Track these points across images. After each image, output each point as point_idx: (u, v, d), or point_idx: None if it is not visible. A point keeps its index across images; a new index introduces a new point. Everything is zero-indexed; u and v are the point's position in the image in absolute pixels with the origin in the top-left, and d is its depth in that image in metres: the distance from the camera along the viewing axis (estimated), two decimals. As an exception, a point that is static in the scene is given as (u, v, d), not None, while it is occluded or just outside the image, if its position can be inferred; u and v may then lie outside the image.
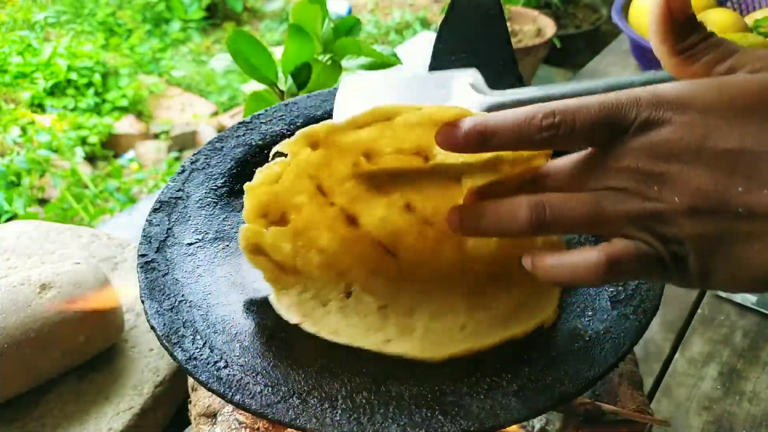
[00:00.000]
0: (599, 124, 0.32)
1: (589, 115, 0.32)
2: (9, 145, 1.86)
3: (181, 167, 0.52)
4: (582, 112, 0.32)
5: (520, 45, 1.30)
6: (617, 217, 0.32)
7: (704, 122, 0.30)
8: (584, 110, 0.32)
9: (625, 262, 0.31)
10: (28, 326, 0.56)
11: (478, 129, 0.33)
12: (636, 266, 0.32)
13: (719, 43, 0.34)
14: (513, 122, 0.32)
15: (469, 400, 0.36)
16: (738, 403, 0.66)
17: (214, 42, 2.84)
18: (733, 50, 0.33)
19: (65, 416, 0.58)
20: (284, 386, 0.37)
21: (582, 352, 0.38)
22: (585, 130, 0.32)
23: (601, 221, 0.32)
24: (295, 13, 0.74)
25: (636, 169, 0.31)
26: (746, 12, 1.21)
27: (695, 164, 0.30)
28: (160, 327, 0.39)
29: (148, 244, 0.45)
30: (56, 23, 2.65)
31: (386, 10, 3.05)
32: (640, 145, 0.31)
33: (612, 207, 0.32)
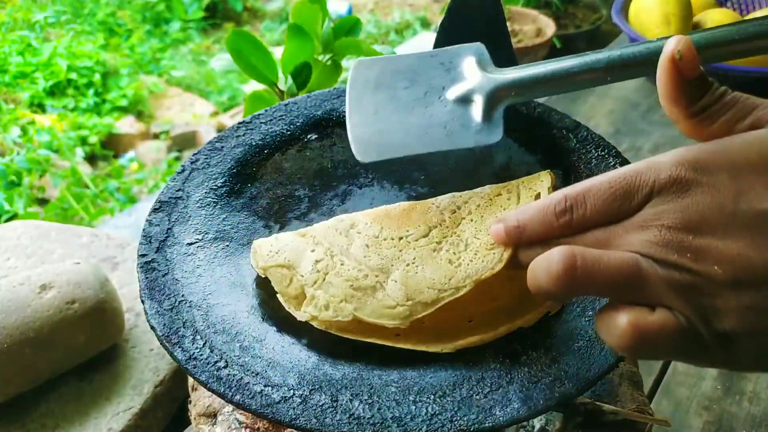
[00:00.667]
0: (611, 200, 0.30)
1: (600, 193, 0.30)
2: (9, 145, 1.86)
3: (181, 167, 0.52)
4: (592, 193, 0.31)
5: (520, 45, 1.30)
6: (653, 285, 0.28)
7: (734, 182, 0.28)
8: (594, 190, 0.31)
9: (656, 336, 0.28)
10: (28, 326, 0.56)
11: (513, 226, 0.34)
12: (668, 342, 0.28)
13: (736, 100, 0.32)
14: (534, 215, 0.33)
15: (469, 400, 0.36)
16: (738, 403, 0.66)
17: (214, 42, 2.84)
18: (753, 105, 0.31)
19: (65, 416, 0.58)
20: (284, 386, 0.37)
21: (582, 352, 0.38)
22: (599, 210, 0.30)
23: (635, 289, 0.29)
24: (295, 13, 0.74)
25: (666, 239, 0.28)
26: (746, 12, 1.21)
27: (731, 229, 0.27)
28: (160, 327, 0.39)
29: (148, 244, 0.45)
30: (56, 23, 2.66)
31: (386, 10, 3.05)
32: (667, 213, 0.28)
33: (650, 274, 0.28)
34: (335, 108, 0.59)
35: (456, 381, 0.37)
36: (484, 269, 0.39)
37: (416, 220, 0.43)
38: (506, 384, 0.37)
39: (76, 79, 2.27)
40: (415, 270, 0.40)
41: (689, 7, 1.10)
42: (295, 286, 0.41)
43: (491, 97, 0.45)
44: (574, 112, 1.10)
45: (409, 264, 0.40)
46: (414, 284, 0.39)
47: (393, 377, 0.38)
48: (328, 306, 0.39)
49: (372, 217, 0.44)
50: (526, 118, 0.57)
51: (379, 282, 0.40)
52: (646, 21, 1.10)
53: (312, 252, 0.42)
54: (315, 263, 0.41)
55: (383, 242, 0.42)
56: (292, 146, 0.56)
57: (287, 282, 0.41)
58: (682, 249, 0.28)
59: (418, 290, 0.39)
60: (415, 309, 0.39)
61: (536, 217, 0.33)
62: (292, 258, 0.42)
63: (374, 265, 0.40)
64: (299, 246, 0.42)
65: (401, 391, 0.37)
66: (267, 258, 0.42)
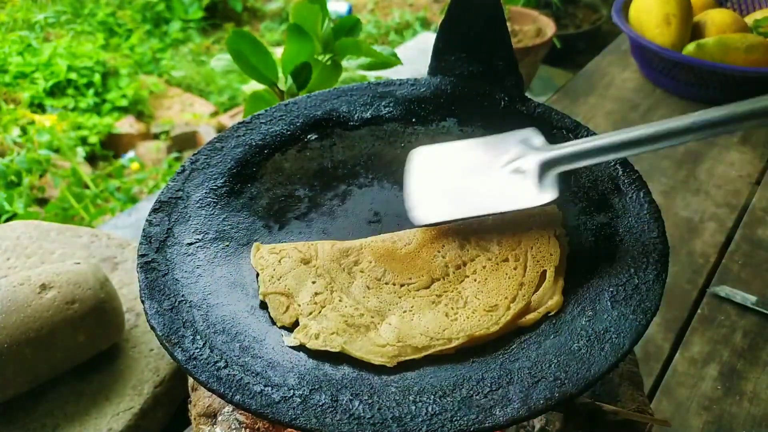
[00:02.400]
0: None
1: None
2: (9, 145, 1.86)
3: (181, 167, 0.52)
4: None
5: (520, 45, 1.30)
6: None
7: None
8: None
9: None
10: (28, 326, 0.56)
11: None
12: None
13: None
14: None
15: (469, 400, 0.36)
16: (738, 403, 0.66)
17: (214, 42, 2.84)
18: None
19: (65, 416, 0.58)
20: (284, 386, 0.37)
21: (582, 352, 0.38)
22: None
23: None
24: (295, 13, 0.74)
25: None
26: (746, 12, 1.21)
27: None
28: (160, 327, 0.39)
29: (148, 244, 0.45)
30: (56, 23, 2.66)
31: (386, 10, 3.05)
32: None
33: None
34: (335, 108, 0.59)
35: (456, 381, 0.37)
36: (480, 327, 0.40)
37: (420, 268, 0.44)
38: (506, 384, 0.37)
39: (76, 79, 2.27)
40: (411, 317, 0.41)
41: (689, 7, 1.10)
42: (290, 314, 0.42)
43: (544, 166, 0.45)
44: (574, 112, 1.10)
45: (406, 311, 0.42)
46: (407, 329, 0.40)
47: (393, 377, 0.38)
48: (318, 336, 0.40)
49: (377, 255, 0.45)
50: (527, 118, 0.57)
51: (374, 323, 0.41)
52: (646, 21, 1.10)
53: (313, 284, 0.43)
54: (314, 295, 0.42)
55: (384, 286, 0.43)
56: (292, 146, 0.56)
57: (284, 309, 0.42)
58: None
59: (411, 335, 0.40)
60: (404, 351, 0.39)
61: None
62: (292, 287, 0.43)
63: (372, 307, 0.42)
64: (300, 275, 0.44)
65: (401, 391, 0.37)
66: (269, 284, 0.43)
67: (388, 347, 0.39)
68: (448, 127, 0.57)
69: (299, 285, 0.43)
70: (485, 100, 0.59)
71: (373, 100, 0.59)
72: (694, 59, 1.03)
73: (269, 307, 0.42)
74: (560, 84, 1.33)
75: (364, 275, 0.44)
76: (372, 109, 0.59)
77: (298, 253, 0.45)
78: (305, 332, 0.40)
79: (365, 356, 0.39)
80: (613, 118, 1.09)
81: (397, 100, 0.59)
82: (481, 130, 0.57)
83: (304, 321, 0.41)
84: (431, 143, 0.56)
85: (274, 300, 0.42)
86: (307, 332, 0.40)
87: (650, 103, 1.12)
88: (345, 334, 0.40)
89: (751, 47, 1.02)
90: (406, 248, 0.45)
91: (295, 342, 0.40)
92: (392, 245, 0.45)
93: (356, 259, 0.44)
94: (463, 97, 0.59)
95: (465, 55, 0.60)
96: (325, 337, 0.40)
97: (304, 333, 0.40)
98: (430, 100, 0.59)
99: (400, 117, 0.58)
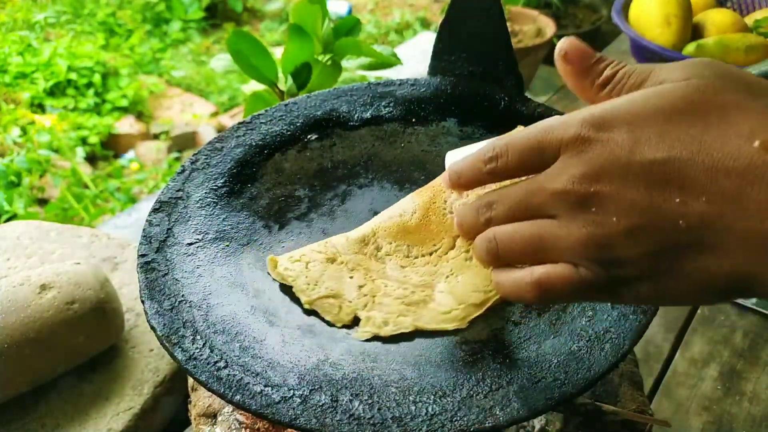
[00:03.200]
0: (527, 151, 0.32)
1: (519, 144, 0.33)
2: (9, 145, 1.86)
3: (181, 167, 0.52)
4: (513, 144, 0.33)
5: (520, 45, 1.30)
6: (556, 248, 0.32)
7: (632, 135, 0.29)
8: (515, 140, 0.33)
9: (558, 288, 0.32)
10: (28, 326, 0.56)
11: (453, 171, 0.37)
12: (570, 291, 0.32)
13: (633, 69, 0.34)
14: (468, 164, 0.36)
15: (470, 400, 0.36)
16: (738, 403, 0.66)
17: (214, 42, 2.84)
18: (650, 69, 0.33)
19: (65, 416, 0.58)
20: (284, 386, 0.37)
21: (582, 352, 0.38)
22: (517, 159, 0.33)
23: (543, 253, 0.32)
24: (295, 13, 0.74)
25: (570, 192, 0.30)
26: (746, 12, 1.21)
27: (627, 180, 0.29)
28: (160, 327, 0.39)
29: (148, 244, 0.45)
30: (56, 23, 2.66)
31: (386, 10, 3.05)
32: (571, 168, 0.31)
33: (551, 238, 0.32)
34: (335, 108, 0.59)
35: (456, 381, 0.37)
36: None
37: (437, 232, 0.44)
38: (506, 384, 0.37)
39: (76, 80, 2.27)
40: (456, 280, 0.42)
41: (689, 8, 1.10)
42: (346, 311, 0.42)
43: None
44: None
45: (448, 276, 0.43)
46: (460, 291, 0.42)
47: (393, 377, 0.38)
48: (387, 322, 0.41)
49: (393, 234, 0.45)
50: (526, 118, 0.57)
51: (427, 296, 0.42)
52: (647, 21, 1.10)
53: (351, 279, 0.43)
54: (359, 288, 0.43)
55: (416, 261, 0.44)
56: (292, 146, 0.56)
57: (337, 310, 0.42)
58: (586, 203, 0.30)
59: (466, 295, 0.41)
60: (468, 311, 0.41)
61: (470, 165, 0.36)
62: (334, 287, 0.43)
63: (417, 282, 0.43)
64: (335, 274, 0.44)
65: (401, 391, 0.37)
66: (310, 291, 0.43)
67: (453, 312, 0.41)
68: (448, 127, 0.57)
69: (340, 283, 0.43)
70: (485, 100, 0.59)
71: (373, 100, 0.59)
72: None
73: (321, 312, 0.42)
74: (560, 84, 1.33)
75: (392, 257, 0.44)
76: (372, 109, 0.59)
77: (320, 255, 0.45)
78: (372, 323, 0.41)
79: (438, 326, 0.40)
80: (613, 118, 1.09)
81: (397, 100, 0.59)
82: (481, 130, 0.57)
83: (363, 314, 0.42)
84: (431, 143, 0.56)
85: (323, 304, 0.42)
86: (374, 322, 0.41)
87: (650, 103, 1.12)
88: (409, 313, 0.41)
89: (751, 47, 1.02)
90: (414, 218, 0.45)
91: (368, 335, 0.41)
92: (400, 220, 0.45)
93: (376, 245, 0.45)
94: (463, 97, 0.59)
95: (465, 55, 0.60)
96: (394, 321, 0.41)
97: (371, 324, 0.41)
98: (430, 100, 0.59)
99: (400, 117, 0.58)
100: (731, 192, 0.27)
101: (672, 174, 0.28)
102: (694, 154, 0.28)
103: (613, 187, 0.29)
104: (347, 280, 0.43)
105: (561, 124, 0.31)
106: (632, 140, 0.29)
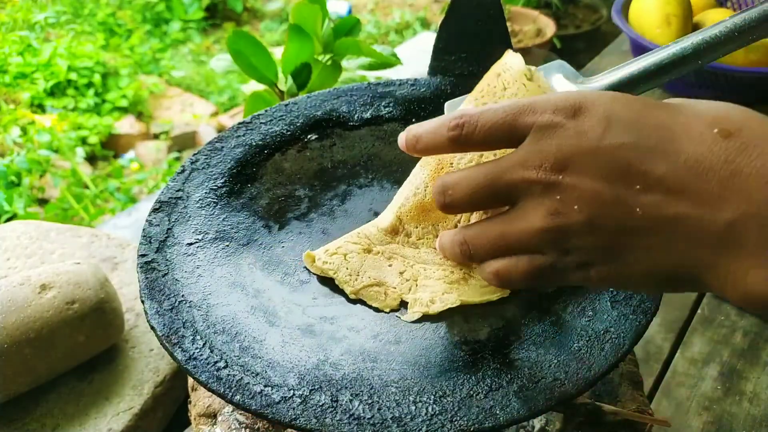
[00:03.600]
0: (497, 127, 0.32)
1: (491, 118, 0.33)
2: (9, 145, 1.86)
3: (181, 167, 0.52)
4: (484, 116, 0.33)
5: (520, 45, 1.30)
6: (519, 243, 0.33)
7: (604, 121, 0.30)
8: (488, 113, 0.33)
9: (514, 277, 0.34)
10: (28, 326, 0.56)
11: (411, 135, 0.36)
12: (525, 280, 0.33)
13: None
14: (431, 127, 0.35)
15: (470, 400, 0.36)
16: (738, 403, 0.66)
17: (214, 42, 2.84)
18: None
19: (65, 416, 0.58)
20: (284, 386, 0.37)
21: (582, 352, 0.38)
22: (485, 132, 0.33)
23: (507, 250, 0.34)
24: (295, 13, 0.74)
25: (536, 180, 0.31)
26: (746, 12, 1.21)
27: (593, 168, 0.29)
28: (160, 327, 0.39)
29: (148, 244, 0.45)
30: (56, 23, 2.66)
31: (386, 10, 3.05)
32: (539, 154, 0.31)
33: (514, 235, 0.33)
34: (335, 108, 0.59)
35: (456, 381, 0.37)
36: None
37: None
38: (506, 384, 0.37)
39: (76, 80, 2.27)
40: None
41: (689, 8, 1.10)
42: (392, 297, 0.43)
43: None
44: (574, 112, 1.09)
45: None
46: None
47: (393, 377, 0.38)
48: (434, 300, 0.42)
49: (416, 218, 0.45)
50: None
51: (467, 273, 0.43)
52: (647, 21, 1.10)
53: (390, 266, 0.44)
54: (400, 275, 0.44)
55: None
56: (292, 146, 0.56)
57: (383, 296, 0.43)
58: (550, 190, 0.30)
59: None
60: None
61: (431, 129, 0.35)
62: (376, 276, 0.44)
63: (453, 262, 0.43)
64: (375, 264, 0.45)
65: (401, 391, 0.37)
66: (354, 281, 0.44)
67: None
68: (448, 127, 0.57)
69: (381, 272, 0.44)
70: (485, 100, 0.59)
71: (373, 100, 0.59)
72: (694, 59, 1.03)
73: (367, 300, 0.43)
74: (560, 84, 1.33)
75: (423, 241, 0.45)
76: (372, 109, 0.59)
77: (356, 246, 0.45)
78: (419, 304, 0.42)
79: (483, 298, 0.42)
80: (613, 118, 1.09)
81: (397, 100, 0.59)
82: (481, 130, 0.57)
83: (410, 297, 0.43)
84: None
85: (369, 292, 0.43)
86: (422, 303, 0.42)
87: (650, 103, 1.12)
88: (453, 290, 0.42)
89: (751, 47, 1.02)
90: (428, 193, 0.45)
91: (417, 315, 0.42)
92: (416, 199, 0.46)
93: (405, 231, 0.46)
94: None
95: (465, 55, 0.60)
96: (440, 298, 0.42)
97: (419, 305, 0.42)
98: (430, 100, 0.59)
99: (400, 117, 0.58)
100: (686, 181, 0.28)
101: (636, 159, 0.29)
102: (657, 140, 0.29)
103: (579, 177, 0.30)
104: (387, 269, 0.44)
105: (536, 107, 0.31)
106: (604, 126, 0.29)
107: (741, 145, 0.27)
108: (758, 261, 0.26)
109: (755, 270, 0.27)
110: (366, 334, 0.41)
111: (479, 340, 0.40)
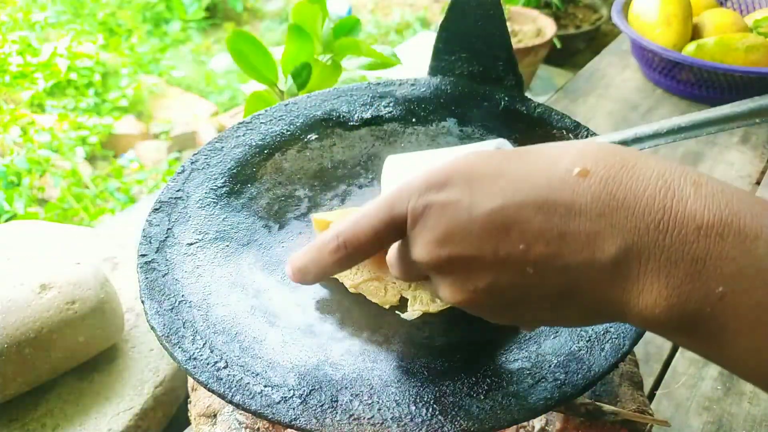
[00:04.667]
0: (378, 230, 0.32)
1: (367, 224, 0.32)
2: (9, 145, 1.86)
3: (181, 167, 0.52)
4: (359, 225, 0.32)
5: (520, 45, 1.30)
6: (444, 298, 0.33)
7: (468, 189, 0.29)
8: (362, 221, 0.32)
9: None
10: (28, 326, 0.56)
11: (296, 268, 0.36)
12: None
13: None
14: (312, 257, 0.35)
15: (469, 400, 0.36)
16: (738, 403, 0.66)
17: (214, 42, 2.84)
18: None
19: (65, 416, 0.58)
20: (284, 386, 0.37)
21: (582, 352, 0.38)
22: (369, 240, 0.32)
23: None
24: (295, 13, 0.74)
25: (426, 263, 0.31)
26: (746, 12, 1.21)
27: (472, 237, 0.29)
28: (160, 327, 0.39)
29: (148, 244, 0.45)
30: (56, 23, 2.65)
31: (386, 10, 3.05)
32: (420, 239, 0.31)
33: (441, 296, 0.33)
34: (335, 108, 0.59)
35: (456, 381, 0.37)
36: None
37: None
38: (506, 384, 0.37)
39: (76, 79, 2.26)
40: None
41: (689, 8, 1.10)
42: (392, 293, 0.43)
43: None
44: (574, 112, 1.10)
45: None
46: None
47: (393, 377, 0.38)
48: (434, 299, 0.42)
49: None
50: (526, 118, 0.57)
51: None
52: (647, 21, 1.10)
53: None
54: None
55: None
56: (292, 146, 0.56)
57: (383, 292, 0.43)
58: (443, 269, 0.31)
59: None
60: None
61: (315, 258, 0.35)
62: (376, 270, 0.44)
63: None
64: (375, 259, 0.44)
65: (401, 392, 0.37)
66: (353, 276, 0.44)
67: None
68: (448, 127, 0.57)
69: (381, 267, 0.44)
70: (485, 100, 0.59)
71: (373, 100, 0.59)
72: (694, 59, 1.03)
73: (367, 295, 0.43)
74: (560, 84, 1.33)
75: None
76: (372, 109, 0.59)
77: None
78: (419, 301, 0.42)
79: None
80: (613, 118, 1.09)
81: (397, 100, 0.59)
82: (481, 130, 0.57)
83: (410, 294, 0.43)
84: (431, 143, 0.56)
85: (369, 287, 0.43)
86: (422, 300, 0.42)
87: (650, 103, 1.12)
88: None
89: (751, 47, 1.02)
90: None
91: (418, 313, 0.41)
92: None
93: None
94: (463, 97, 0.59)
95: (465, 55, 0.60)
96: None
97: (419, 302, 0.42)
98: (430, 100, 0.59)
99: (399, 117, 0.58)
100: (562, 229, 0.27)
101: (510, 220, 0.28)
102: (525, 194, 0.28)
103: (462, 248, 0.29)
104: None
105: (403, 194, 0.31)
106: (470, 194, 0.29)
107: (601, 181, 0.27)
108: (643, 286, 0.27)
109: (643, 296, 0.27)
110: (366, 335, 0.41)
111: (479, 339, 0.40)
